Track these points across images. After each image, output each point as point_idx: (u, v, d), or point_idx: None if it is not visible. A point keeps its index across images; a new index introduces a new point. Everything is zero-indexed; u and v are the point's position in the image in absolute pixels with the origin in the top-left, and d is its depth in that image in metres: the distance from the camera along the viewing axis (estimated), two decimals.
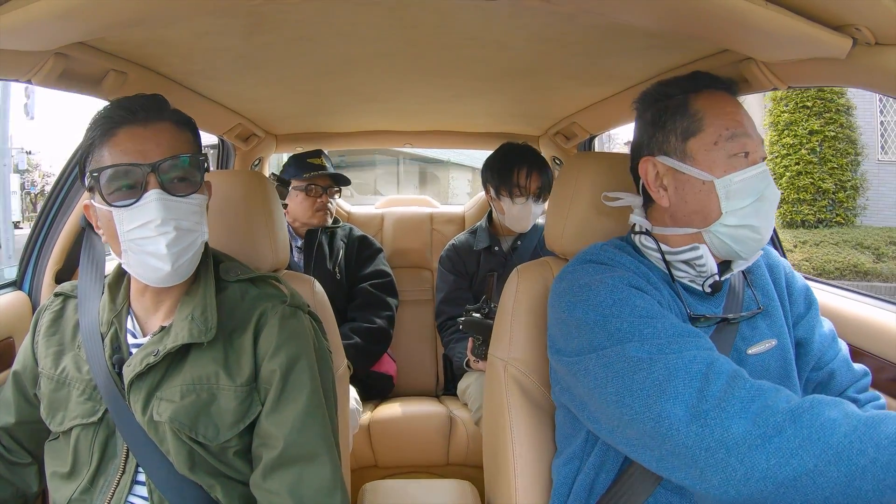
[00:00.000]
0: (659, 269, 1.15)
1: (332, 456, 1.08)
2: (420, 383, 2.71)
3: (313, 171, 2.46)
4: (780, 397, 0.89)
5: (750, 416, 0.86)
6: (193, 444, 1.06)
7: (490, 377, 1.38)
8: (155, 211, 1.01)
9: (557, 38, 1.35)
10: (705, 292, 1.13)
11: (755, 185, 1.05)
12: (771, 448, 0.84)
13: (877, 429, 0.83)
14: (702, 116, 1.08)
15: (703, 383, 0.90)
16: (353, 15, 1.21)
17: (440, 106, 2.27)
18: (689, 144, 1.09)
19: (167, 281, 1.07)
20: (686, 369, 0.92)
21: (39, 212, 1.77)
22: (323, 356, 1.19)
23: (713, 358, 0.94)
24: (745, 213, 1.05)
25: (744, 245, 1.08)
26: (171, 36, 1.28)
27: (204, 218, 1.09)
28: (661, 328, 0.98)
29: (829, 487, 0.81)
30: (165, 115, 1.08)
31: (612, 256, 1.14)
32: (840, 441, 0.82)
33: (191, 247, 1.06)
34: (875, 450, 0.81)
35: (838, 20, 0.97)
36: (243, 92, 1.89)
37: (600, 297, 1.04)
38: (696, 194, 1.08)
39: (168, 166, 1.03)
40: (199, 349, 1.08)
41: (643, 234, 1.17)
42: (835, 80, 1.16)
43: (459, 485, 1.69)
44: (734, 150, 1.06)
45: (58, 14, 0.91)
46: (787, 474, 0.83)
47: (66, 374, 1.12)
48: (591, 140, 2.69)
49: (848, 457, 0.81)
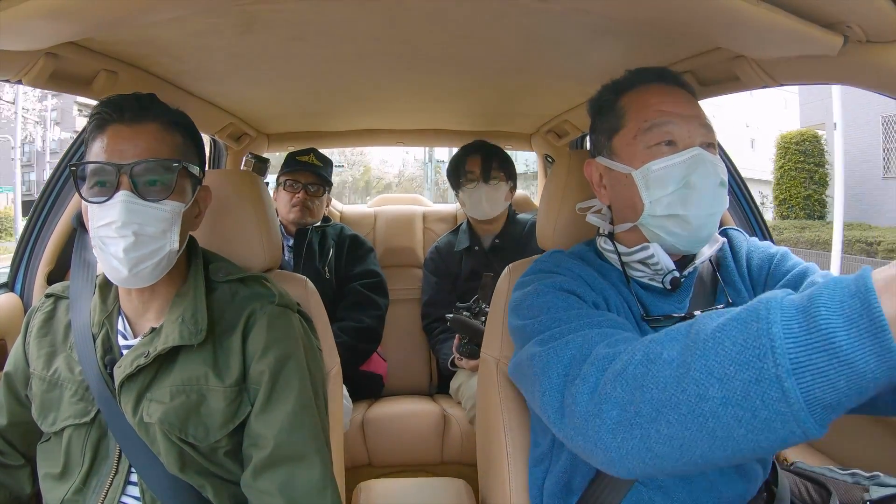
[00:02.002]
0: (618, 271, 1.14)
1: (323, 455, 1.08)
2: (413, 382, 2.71)
3: (297, 168, 2.48)
4: (621, 357, 0.80)
5: (589, 390, 0.82)
6: (183, 445, 1.06)
7: (483, 376, 1.38)
8: (117, 213, 1.00)
9: (549, 37, 1.35)
10: (666, 289, 1.11)
11: (677, 173, 1.02)
12: (609, 422, 0.78)
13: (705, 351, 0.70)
14: (623, 113, 1.10)
15: (569, 368, 0.88)
16: (345, 14, 1.21)
17: (432, 105, 2.27)
18: (614, 141, 1.11)
19: (129, 283, 1.06)
20: (558, 357, 0.90)
21: (31, 212, 1.76)
22: (313, 355, 1.19)
23: (593, 340, 0.89)
24: (670, 201, 1.03)
25: (676, 237, 1.05)
26: (161, 35, 1.27)
27: (175, 227, 1.06)
28: (565, 321, 0.96)
29: (693, 438, 0.70)
30: (151, 115, 1.07)
31: (558, 262, 1.13)
32: (674, 389, 0.72)
33: (152, 255, 1.04)
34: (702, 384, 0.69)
35: (830, 18, 0.97)
36: (235, 91, 1.89)
37: (527, 303, 1.05)
38: (623, 188, 1.09)
39: (141, 169, 1.02)
40: (188, 350, 1.08)
41: (604, 236, 1.17)
42: (826, 78, 1.16)
43: (454, 483, 1.69)
44: (653, 141, 1.05)
45: (48, 13, 0.90)
46: (639, 445, 0.75)
47: (58, 375, 1.12)
48: (583, 138, 2.70)
49: (678, 403, 0.71)
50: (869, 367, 0.59)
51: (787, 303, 0.65)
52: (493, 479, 1.29)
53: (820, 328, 0.61)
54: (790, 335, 0.63)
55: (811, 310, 0.62)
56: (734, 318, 0.69)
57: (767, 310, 0.65)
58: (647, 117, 1.06)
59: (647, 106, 1.07)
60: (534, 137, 2.87)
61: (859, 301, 0.60)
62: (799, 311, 0.63)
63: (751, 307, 0.68)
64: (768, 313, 0.65)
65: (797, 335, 0.62)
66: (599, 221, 1.20)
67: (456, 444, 2.31)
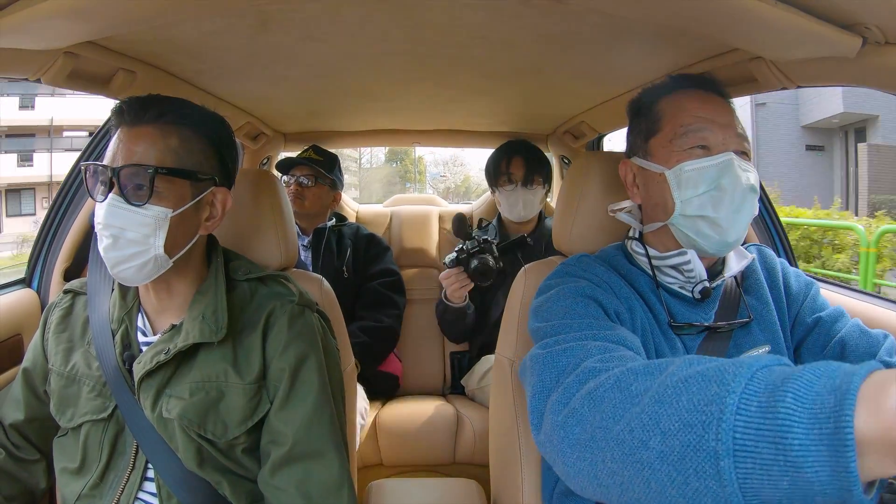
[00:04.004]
0: (647, 275, 1.14)
1: (340, 453, 1.09)
2: (427, 382, 2.71)
3: (293, 162, 2.51)
4: (600, 376, 0.78)
5: (564, 402, 0.80)
6: (202, 441, 1.07)
7: (497, 377, 1.38)
8: (102, 214, 1.02)
9: (565, 38, 1.34)
10: (695, 299, 1.11)
11: (709, 175, 1.04)
12: (572, 437, 0.76)
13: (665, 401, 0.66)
14: (661, 116, 1.12)
15: (559, 376, 0.86)
16: (360, 14, 1.21)
17: (448, 105, 2.27)
18: (650, 143, 1.13)
19: (120, 280, 1.09)
20: (553, 363, 0.89)
21: (48, 210, 1.78)
22: (331, 354, 1.20)
23: (589, 352, 0.87)
24: (700, 202, 1.04)
25: (706, 238, 1.06)
26: (178, 35, 1.28)
27: (160, 231, 1.05)
28: (574, 328, 0.96)
29: (631, 481, 0.67)
30: (148, 118, 1.06)
31: (585, 267, 1.14)
32: (624, 426, 0.68)
33: (132, 258, 1.04)
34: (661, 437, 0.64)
35: (848, 18, 0.96)
36: (251, 91, 1.89)
37: (547, 306, 1.06)
38: (655, 186, 1.11)
39: (125, 174, 1.02)
40: (208, 347, 1.09)
41: (635, 239, 1.18)
42: (844, 80, 1.15)
43: (466, 484, 1.68)
44: (688, 144, 1.06)
45: (65, 13, 0.91)
46: (589, 469, 0.72)
47: (77, 371, 1.13)
48: (600, 139, 2.68)
49: (623, 441, 0.68)
50: (819, 479, 0.51)
51: (763, 374, 0.59)
52: (506, 480, 1.29)
53: (778, 416, 0.54)
54: (744, 412, 0.57)
55: (779, 392, 0.55)
56: (706, 371, 0.64)
57: (734, 374, 0.60)
58: (684, 122, 1.08)
59: (685, 111, 1.09)
60: (550, 138, 2.86)
61: (834, 400, 0.52)
62: (767, 388, 0.57)
63: (725, 365, 0.63)
64: (733, 378, 0.60)
65: (751, 415, 0.56)
66: (630, 220, 1.20)
67: (468, 445, 2.30)
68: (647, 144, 1.13)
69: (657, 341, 1.08)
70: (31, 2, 0.89)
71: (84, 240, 1.76)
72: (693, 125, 1.07)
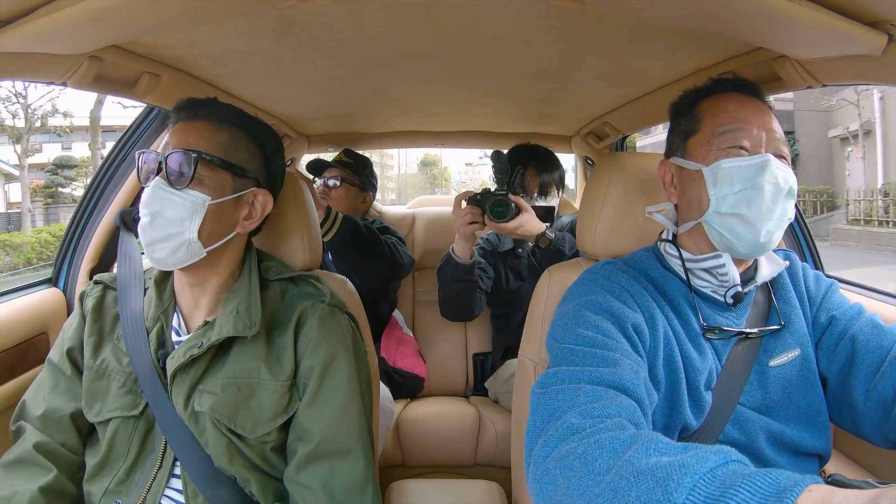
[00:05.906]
0: (679, 279, 1.14)
1: (367, 452, 1.11)
2: (449, 383, 2.70)
3: (324, 164, 2.53)
4: (575, 438, 0.80)
5: (545, 455, 0.82)
6: (232, 437, 1.09)
7: (520, 379, 1.38)
8: (147, 195, 1.08)
9: (586, 39, 1.33)
10: (727, 303, 1.11)
11: (746, 174, 1.03)
12: (546, 492, 0.78)
13: None
14: (701, 117, 1.12)
15: (548, 419, 0.87)
16: (382, 16, 1.21)
17: (469, 107, 2.26)
18: (688, 143, 1.13)
19: (153, 263, 1.12)
20: (546, 405, 0.91)
21: (75, 210, 1.81)
22: (360, 355, 1.21)
23: (577, 401, 0.88)
24: (735, 200, 1.04)
25: (739, 238, 1.05)
26: (202, 39, 1.30)
27: (196, 216, 1.09)
28: (576, 362, 0.96)
29: None
30: (201, 114, 1.15)
31: (608, 275, 1.14)
32: (579, 498, 0.71)
33: (166, 240, 1.08)
34: None
35: (873, 16, 0.94)
36: (274, 93, 1.91)
37: (563, 321, 1.08)
38: (691, 184, 1.11)
39: (173, 159, 1.08)
40: (241, 344, 1.11)
41: (668, 241, 1.17)
42: (870, 78, 1.13)
43: (486, 485, 1.68)
44: (726, 144, 1.07)
45: (89, 18, 0.92)
46: None
47: (106, 365, 1.15)
48: (623, 140, 2.66)
49: None
50: None
51: (708, 479, 0.60)
52: None
53: None
54: None
55: (721, 499, 0.57)
56: (662, 467, 0.64)
57: (680, 477, 0.61)
58: (723, 122, 1.08)
59: (724, 112, 1.09)
60: (573, 139, 2.84)
61: None
62: (709, 498, 0.58)
63: (680, 462, 0.63)
64: (678, 485, 0.61)
65: None
66: (665, 221, 1.20)
67: (490, 447, 2.30)
68: (685, 144, 1.14)
69: (685, 348, 1.07)
70: (56, 7, 0.91)
71: (110, 240, 1.79)
72: (731, 125, 1.07)
